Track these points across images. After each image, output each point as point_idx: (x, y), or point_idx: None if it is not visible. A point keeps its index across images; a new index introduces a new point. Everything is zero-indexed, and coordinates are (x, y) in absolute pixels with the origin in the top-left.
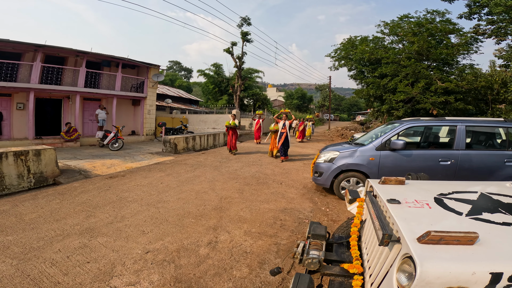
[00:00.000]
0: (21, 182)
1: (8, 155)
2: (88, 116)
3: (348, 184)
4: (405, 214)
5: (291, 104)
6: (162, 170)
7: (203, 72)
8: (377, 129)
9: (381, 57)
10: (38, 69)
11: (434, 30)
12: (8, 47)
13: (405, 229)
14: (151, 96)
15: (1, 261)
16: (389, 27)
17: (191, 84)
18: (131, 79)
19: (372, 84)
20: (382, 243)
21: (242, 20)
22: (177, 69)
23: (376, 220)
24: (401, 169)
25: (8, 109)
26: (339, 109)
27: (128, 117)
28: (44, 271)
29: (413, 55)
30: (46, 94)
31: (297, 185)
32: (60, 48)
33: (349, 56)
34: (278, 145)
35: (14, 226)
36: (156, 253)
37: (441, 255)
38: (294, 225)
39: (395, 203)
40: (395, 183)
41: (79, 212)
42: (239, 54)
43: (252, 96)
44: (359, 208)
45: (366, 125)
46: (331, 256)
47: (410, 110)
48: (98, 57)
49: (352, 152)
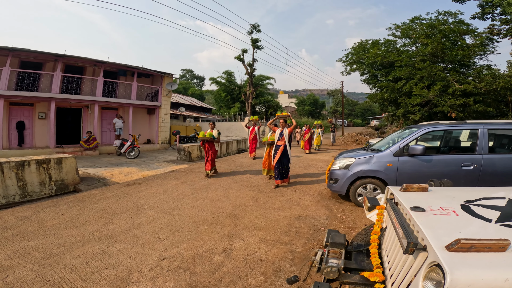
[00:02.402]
0: (43, 189)
1: (30, 163)
2: (106, 125)
3: (365, 190)
4: (431, 222)
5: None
6: (177, 178)
7: (215, 80)
8: (393, 134)
9: (394, 60)
10: (58, 78)
11: (448, 31)
12: (29, 56)
13: (432, 237)
14: (166, 105)
15: (22, 266)
16: (400, 29)
17: (203, 92)
18: (146, 88)
19: (386, 88)
20: (407, 251)
21: (251, 27)
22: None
23: (399, 228)
24: (421, 175)
25: (30, 119)
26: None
27: (143, 126)
28: (63, 277)
29: (428, 57)
30: (67, 103)
31: (311, 192)
32: (78, 58)
33: (361, 60)
34: (273, 163)
35: (35, 231)
36: (172, 260)
37: (472, 263)
38: (310, 232)
39: (419, 211)
40: (417, 190)
41: (98, 218)
42: (250, 61)
43: (264, 103)
44: (379, 216)
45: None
46: (350, 264)
47: (428, 114)
48: (115, 66)
49: (368, 158)
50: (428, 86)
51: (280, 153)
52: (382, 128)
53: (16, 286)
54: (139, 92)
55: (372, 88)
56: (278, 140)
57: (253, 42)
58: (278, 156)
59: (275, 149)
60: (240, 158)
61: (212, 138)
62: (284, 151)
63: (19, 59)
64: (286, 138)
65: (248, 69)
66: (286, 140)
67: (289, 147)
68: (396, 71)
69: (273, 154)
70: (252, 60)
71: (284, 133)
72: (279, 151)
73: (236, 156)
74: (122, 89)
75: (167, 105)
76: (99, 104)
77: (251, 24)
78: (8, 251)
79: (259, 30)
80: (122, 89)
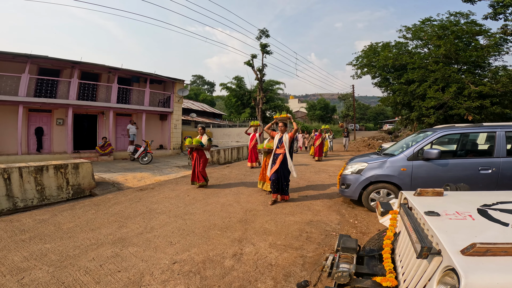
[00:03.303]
0: (60, 193)
1: (49, 168)
2: (120, 131)
3: (378, 195)
4: (446, 226)
5: (313, 115)
6: (188, 183)
7: (225, 85)
8: (407, 138)
9: (406, 63)
10: (75, 85)
11: (460, 32)
12: (47, 63)
13: (447, 242)
14: (177, 111)
15: (38, 268)
16: (411, 31)
17: (214, 98)
18: (158, 94)
19: (399, 91)
20: (421, 256)
21: (260, 32)
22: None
23: (413, 232)
24: (436, 180)
25: (49, 125)
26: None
27: (156, 132)
28: (78, 279)
29: (441, 59)
30: (83, 110)
31: (323, 197)
32: (94, 65)
33: (372, 63)
34: (268, 174)
35: (52, 234)
36: (183, 264)
37: (487, 267)
38: (321, 237)
39: (434, 216)
40: (432, 195)
41: (112, 222)
42: (260, 67)
43: (274, 108)
44: (392, 221)
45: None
46: (362, 269)
47: (443, 117)
48: (128, 73)
49: (381, 163)
50: (442, 88)
51: (279, 163)
52: (395, 132)
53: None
54: (152, 99)
55: (384, 92)
56: (276, 148)
57: (262, 47)
58: (277, 167)
59: (273, 158)
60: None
61: (200, 145)
62: (284, 161)
63: (37, 66)
64: (287, 146)
65: (257, 74)
66: (286, 147)
67: (291, 156)
68: (408, 74)
69: (270, 164)
70: (262, 65)
71: (284, 139)
72: (278, 161)
73: (246, 162)
74: (136, 95)
75: (179, 111)
76: (114, 111)
77: (260, 29)
78: (25, 253)
79: (267, 35)
80: (135, 95)
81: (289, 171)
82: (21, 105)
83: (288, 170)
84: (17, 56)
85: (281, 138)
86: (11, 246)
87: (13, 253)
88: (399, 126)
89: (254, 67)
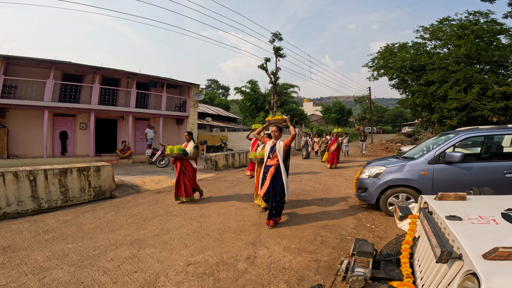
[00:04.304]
0: (83, 195)
1: (72, 170)
2: (138, 135)
3: (397, 200)
4: (468, 231)
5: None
6: (204, 186)
7: (239, 89)
8: (428, 141)
9: (425, 64)
10: (97, 90)
11: (481, 32)
12: (70, 69)
13: (468, 246)
14: (193, 115)
15: (60, 267)
16: (429, 31)
17: (229, 102)
18: (175, 99)
19: (418, 92)
20: (441, 260)
21: (273, 36)
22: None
23: (433, 237)
24: (459, 184)
25: (72, 129)
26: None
27: (173, 136)
28: (96, 279)
29: (462, 59)
30: (104, 114)
31: (339, 201)
32: (114, 70)
33: (389, 64)
34: (261, 193)
35: (74, 235)
36: (197, 265)
37: (509, 271)
38: (336, 241)
39: (455, 220)
40: (454, 199)
41: (131, 223)
42: (273, 70)
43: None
44: (411, 225)
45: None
46: (378, 273)
47: (466, 119)
48: (146, 78)
49: (400, 166)
50: (464, 89)
51: (269, 178)
52: (415, 135)
53: (52, 287)
54: (168, 103)
55: (403, 93)
56: (268, 158)
57: (276, 50)
58: (268, 183)
59: (263, 171)
60: None
61: (182, 154)
62: (277, 174)
63: (61, 72)
64: (281, 155)
65: (271, 77)
66: (280, 157)
67: (285, 169)
68: (428, 75)
69: (260, 179)
70: (275, 69)
71: (278, 147)
72: (269, 175)
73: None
74: (153, 100)
75: (195, 115)
76: (133, 115)
77: (273, 33)
78: (47, 253)
79: (280, 38)
80: (153, 100)
81: (283, 186)
82: (46, 109)
83: (282, 186)
84: (42, 62)
85: (274, 145)
86: (35, 246)
87: (36, 252)
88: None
89: (268, 70)
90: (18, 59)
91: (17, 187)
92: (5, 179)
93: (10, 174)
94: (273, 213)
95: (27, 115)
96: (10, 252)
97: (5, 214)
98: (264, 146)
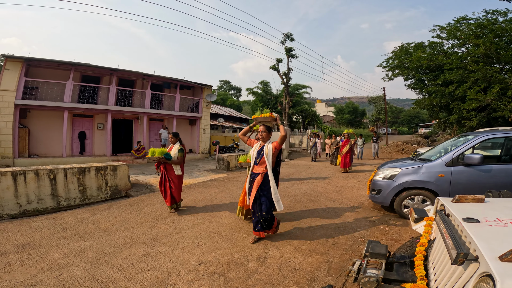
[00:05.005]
0: (100, 194)
1: (90, 169)
2: (153, 135)
3: (412, 202)
4: (485, 233)
5: (342, 119)
6: (216, 186)
7: (251, 90)
8: (446, 142)
9: (442, 63)
10: (114, 92)
11: (500, 31)
12: (88, 71)
13: (485, 248)
14: (206, 116)
15: (76, 264)
16: (446, 31)
17: (240, 103)
18: (188, 100)
19: (436, 92)
20: (456, 262)
21: (284, 37)
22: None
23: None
24: (478, 186)
25: (90, 129)
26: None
27: (185, 136)
28: (111, 276)
29: (481, 59)
30: (120, 115)
31: (351, 203)
32: (130, 72)
33: (404, 64)
34: (249, 202)
35: (91, 232)
36: (208, 265)
37: None
38: (348, 243)
39: (472, 222)
40: (472, 201)
41: (145, 222)
42: (285, 71)
43: (300, 112)
44: (427, 227)
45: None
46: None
47: (486, 119)
48: (160, 79)
49: (416, 168)
50: (484, 89)
51: (256, 188)
52: (432, 136)
53: (68, 284)
54: (182, 104)
55: (419, 94)
56: (255, 165)
57: (287, 51)
58: (254, 193)
59: (250, 180)
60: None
61: (164, 157)
62: (264, 184)
63: (80, 74)
64: (269, 161)
65: (283, 78)
66: (268, 164)
67: (274, 177)
68: (445, 75)
69: (247, 188)
70: (287, 69)
71: (266, 151)
72: (255, 185)
73: None
74: (167, 101)
75: (207, 116)
76: (147, 116)
77: (284, 33)
78: (65, 250)
79: (292, 39)
80: (166, 101)
81: (271, 198)
82: (66, 110)
83: (270, 197)
84: (62, 63)
85: (262, 149)
86: (53, 243)
87: (55, 249)
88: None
89: (279, 71)
90: (39, 61)
91: (38, 185)
92: (26, 177)
93: (31, 172)
94: (258, 225)
95: (47, 115)
96: (29, 249)
97: (25, 211)
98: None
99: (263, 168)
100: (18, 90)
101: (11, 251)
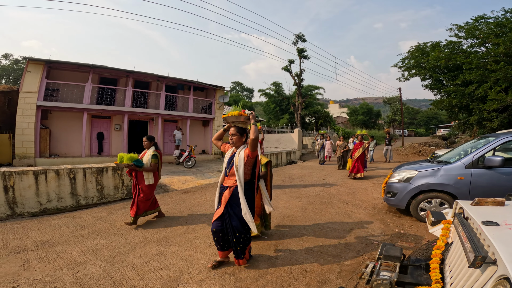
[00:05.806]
0: (116, 193)
1: (108, 169)
2: (167, 136)
3: (430, 205)
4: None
5: (355, 121)
6: None
7: (264, 91)
8: (465, 144)
9: (461, 63)
10: (130, 93)
11: None
12: (106, 73)
13: (504, 251)
14: (219, 117)
15: (92, 262)
16: (464, 30)
17: (253, 104)
18: (201, 101)
19: (455, 93)
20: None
21: (296, 37)
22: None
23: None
24: (499, 189)
25: (108, 130)
26: (414, 123)
27: (199, 137)
28: (125, 275)
29: (501, 58)
30: (136, 116)
31: (365, 205)
32: (145, 74)
33: (421, 64)
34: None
35: (108, 231)
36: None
37: None
38: (361, 246)
39: (492, 225)
40: (492, 204)
41: (159, 221)
42: (297, 72)
43: (313, 113)
44: (444, 230)
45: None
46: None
47: (507, 121)
48: (174, 81)
49: (434, 171)
50: (505, 89)
51: (224, 205)
52: (451, 138)
53: (84, 282)
54: (195, 105)
55: (437, 94)
56: (225, 176)
57: (299, 52)
58: (221, 210)
59: (218, 194)
60: (289, 169)
61: (133, 164)
62: (233, 200)
63: (98, 76)
64: (240, 173)
65: (295, 79)
66: (238, 176)
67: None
68: (465, 74)
69: (216, 202)
70: (300, 70)
71: (236, 160)
72: (224, 200)
73: (285, 168)
74: (181, 102)
75: (220, 117)
76: (162, 117)
77: (296, 34)
78: (82, 248)
79: (304, 39)
80: (180, 102)
81: (242, 217)
82: (85, 111)
83: (240, 219)
84: (81, 66)
85: (232, 156)
86: (71, 241)
87: (72, 247)
88: (456, 131)
89: (292, 72)
90: (59, 64)
91: (58, 184)
92: (47, 176)
93: (52, 172)
94: (238, 251)
95: (67, 116)
96: (48, 246)
97: (45, 209)
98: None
99: (233, 181)
100: (39, 92)
101: (30, 248)
